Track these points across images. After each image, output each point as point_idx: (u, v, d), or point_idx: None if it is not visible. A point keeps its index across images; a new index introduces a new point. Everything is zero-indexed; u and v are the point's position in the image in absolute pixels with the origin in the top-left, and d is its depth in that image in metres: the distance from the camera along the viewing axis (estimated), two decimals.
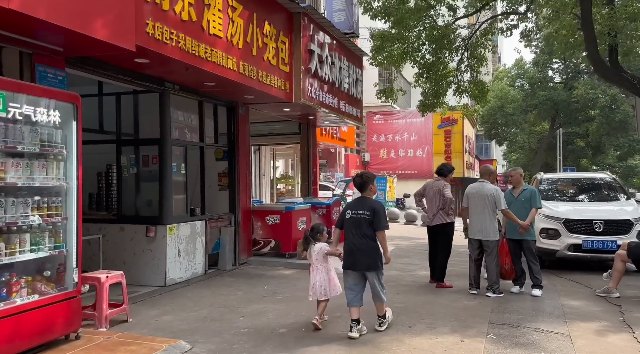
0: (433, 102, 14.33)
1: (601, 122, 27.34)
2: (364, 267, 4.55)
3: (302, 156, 11.09)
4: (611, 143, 27.70)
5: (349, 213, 4.67)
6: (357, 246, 4.53)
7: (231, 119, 8.13)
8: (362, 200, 4.74)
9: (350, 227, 4.61)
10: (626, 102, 26.39)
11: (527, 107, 29.98)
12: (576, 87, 27.62)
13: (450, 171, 7.08)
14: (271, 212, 8.37)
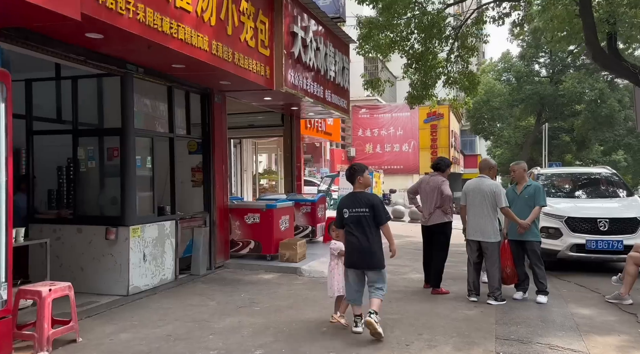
0: (422, 94, 13.73)
1: (587, 117, 27.17)
2: (367, 266, 4.42)
3: (286, 149, 10.37)
4: (597, 138, 27.57)
5: (346, 212, 4.48)
6: (360, 244, 4.38)
7: (206, 108, 7.37)
8: (357, 195, 4.54)
9: (351, 226, 4.45)
10: (612, 97, 26.27)
11: (514, 102, 29.69)
12: (563, 81, 27.39)
13: (448, 166, 6.46)
14: (251, 210, 7.65)
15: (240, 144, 14.33)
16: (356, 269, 4.43)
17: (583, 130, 28.63)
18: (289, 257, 7.43)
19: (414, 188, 6.60)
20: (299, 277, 6.96)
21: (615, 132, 26.79)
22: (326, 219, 9.83)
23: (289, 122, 10.32)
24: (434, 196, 6.19)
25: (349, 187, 17.80)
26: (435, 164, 6.48)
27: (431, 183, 6.28)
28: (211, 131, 7.37)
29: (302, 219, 9.39)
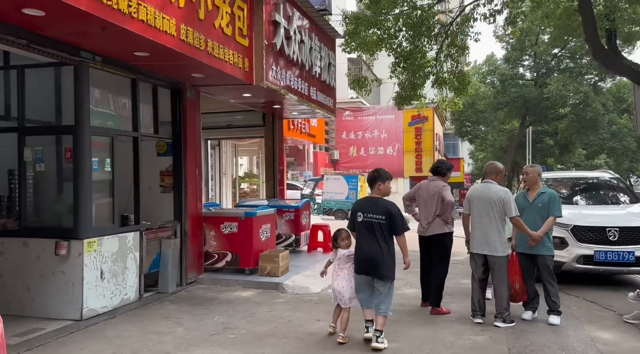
0: (410, 94, 13.15)
1: (572, 120, 27.07)
2: (377, 275, 4.27)
3: (267, 151, 9.62)
4: (581, 141, 27.49)
5: (360, 216, 4.34)
6: (373, 253, 4.25)
7: (176, 105, 6.58)
8: (374, 201, 4.40)
9: (363, 231, 4.31)
10: (597, 101, 26.21)
11: (498, 105, 29.49)
12: (548, 84, 27.26)
13: (449, 169, 5.79)
14: (227, 219, 6.87)
15: (219, 145, 13.50)
16: (366, 276, 4.31)
17: (567, 133, 28.55)
18: (270, 271, 6.67)
19: (410, 194, 5.93)
20: (281, 294, 6.21)
21: (599, 135, 26.72)
22: (311, 227, 9.10)
23: (270, 122, 9.57)
24: (434, 202, 5.53)
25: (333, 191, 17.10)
26: (435, 167, 5.82)
27: (430, 189, 5.62)
28: (183, 131, 6.58)
29: (284, 226, 8.64)
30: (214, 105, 9.31)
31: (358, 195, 20.01)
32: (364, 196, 20.14)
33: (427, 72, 13.13)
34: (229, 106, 9.17)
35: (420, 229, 5.73)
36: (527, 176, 5.34)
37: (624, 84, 29.75)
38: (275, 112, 9.36)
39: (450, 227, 5.61)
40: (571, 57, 28.98)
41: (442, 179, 5.73)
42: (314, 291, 6.29)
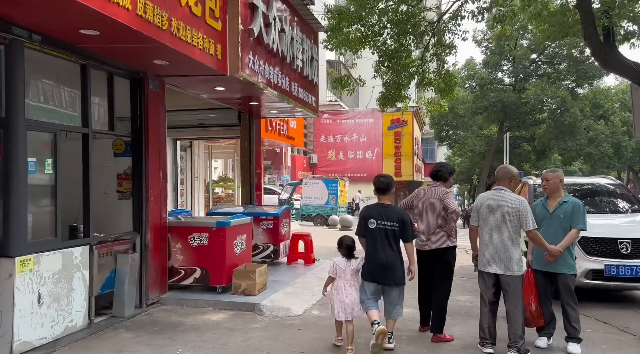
0: (395, 95, 12.51)
1: (550, 125, 27.08)
2: (391, 282, 4.31)
3: (243, 153, 8.77)
4: (559, 147, 27.52)
5: (373, 222, 4.34)
6: (386, 260, 4.28)
7: (137, 98, 5.69)
8: (387, 208, 4.42)
9: (376, 238, 4.32)
10: (575, 106, 26.28)
11: (477, 109, 29.33)
12: (527, 89, 27.22)
13: (451, 173, 5.08)
14: (196, 229, 6.00)
15: (191, 147, 12.55)
16: (378, 284, 4.30)
17: (545, 139, 28.57)
18: (246, 289, 5.83)
19: (407, 202, 5.19)
20: (258, 317, 5.37)
21: (577, 141, 26.78)
22: (291, 236, 8.29)
23: (247, 121, 8.73)
24: (435, 212, 4.82)
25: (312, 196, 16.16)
26: (435, 171, 5.09)
27: (431, 196, 4.90)
28: (144, 127, 5.69)
29: (262, 236, 7.81)
30: (184, 101, 8.43)
31: (338, 200, 19.30)
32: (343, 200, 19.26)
33: (412, 72, 12.53)
34: (201, 103, 8.30)
35: (418, 242, 5.00)
36: (548, 182, 4.67)
37: (600, 91, 30.07)
38: (252, 110, 8.53)
39: (454, 241, 4.91)
40: (549, 63, 29.10)
41: (444, 184, 5.02)
42: (295, 312, 5.48)
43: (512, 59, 28.62)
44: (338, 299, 4.25)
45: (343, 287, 4.26)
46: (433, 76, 12.54)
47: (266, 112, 8.77)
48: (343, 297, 4.23)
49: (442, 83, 12.34)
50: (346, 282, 4.28)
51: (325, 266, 8.05)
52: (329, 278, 4.45)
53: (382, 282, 4.27)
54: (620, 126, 28.21)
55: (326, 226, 18.47)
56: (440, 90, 12.46)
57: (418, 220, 5.03)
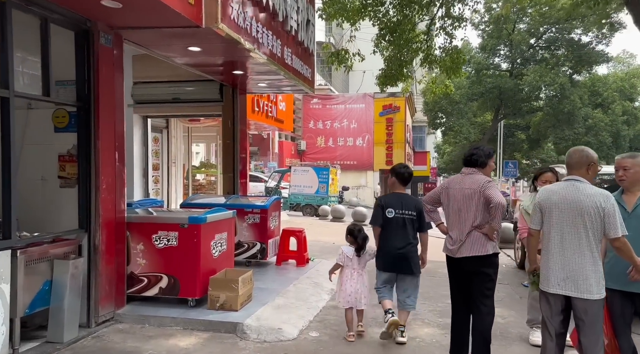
0: (397, 73, 11.27)
1: (548, 113, 26.18)
2: (408, 271, 4.23)
3: (225, 134, 7.46)
4: (556, 135, 26.67)
5: (391, 212, 4.25)
6: (404, 249, 4.20)
7: (84, 56, 4.35)
8: (404, 197, 4.35)
9: (393, 227, 4.23)
10: (574, 93, 25.38)
11: (473, 96, 28.28)
12: (524, 75, 26.23)
13: (489, 156, 3.88)
14: (163, 226, 4.72)
15: (168, 128, 11.18)
16: (392, 273, 4.27)
17: (542, 127, 27.72)
18: (225, 302, 4.60)
19: (434, 195, 4.01)
20: (240, 341, 4.15)
21: (574, 130, 25.93)
22: (281, 232, 7.07)
23: (230, 96, 7.41)
24: (472, 207, 3.65)
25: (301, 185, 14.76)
26: (469, 156, 3.89)
27: (466, 186, 3.72)
28: (94, 95, 4.37)
29: (247, 232, 6.57)
30: (156, 71, 7.11)
31: (329, 189, 18.09)
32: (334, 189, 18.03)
33: (415, 48, 11.29)
34: (176, 73, 6.99)
35: (448, 247, 3.83)
36: (626, 171, 3.47)
37: (598, 78, 29.23)
38: (236, 83, 7.21)
39: (496, 246, 3.75)
40: (547, 48, 28.12)
41: (482, 171, 3.84)
42: (289, 335, 4.27)
43: (510, 43, 27.55)
44: (344, 287, 4.25)
45: (350, 275, 4.26)
46: (439, 53, 11.32)
47: (253, 86, 7.45)
48: (348, 286, 4.23)
49: (449, 61, 11.13)
50: (354, 270, 4.28)
51: (321, 267, 6.86)
52: (336, 265, 4.41)
53: (397, 270, 4.24)
54: (620, 115, 27.44)
55: (316, 216, 17.29)
56: (446, 68, 11.25)
57: (448, 218, 3.86)
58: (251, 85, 7.40)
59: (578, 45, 25.97)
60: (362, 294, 4.24)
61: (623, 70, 34.53)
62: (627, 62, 42.66)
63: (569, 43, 26.20)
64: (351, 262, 4.27)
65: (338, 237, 11.32)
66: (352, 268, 4.27)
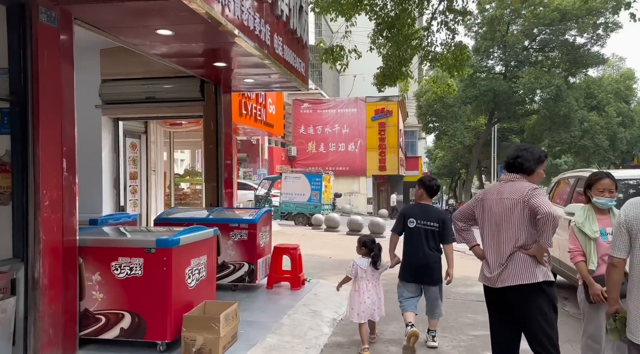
0: (395, 72, 10.46)
1: (544, 116, 25.61)
2: (431, 281, 4.25)
3: (207, 138, 6.52)
4: (553, 139, 26.10)
5: (413, 222, 4.26)
6: (427, 260, 4.19)
7: (19, 37, 3.41)
8: (428, 208, 4.36)
9: (415, 238, 4.24)
10: (570, 95, 24.86)
11: (467, 99, 27.67)
12: (519, 77, 25.68)
13: (539, 161, 3.05)
14: (125, 251, 3.78)
15: (147, 133, 10.21)
16: (416, 283, 4.26)
17: (537, 131, 27.16)
18: (204, 346, 3.65)
19: (466, 210, 3.16)
20: None
21: (570, 133, 25.39)
22: (272, 249, 6.14)
23: (212, 95, 6.49)
24: (514, 222, 2.84)
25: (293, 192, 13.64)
26: (513, 158, 3.05)
27: (506, 195, 2.90)
28: (33, 87, 3.42)
29: (233, 251, 5.63)
30: (126, 66, 6.22)
31: (322, 196, 17.18)
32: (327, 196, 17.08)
33: (414, 45, 10.50)
34: (150, 69, 6.13)
35: (485, 274, 2.97)
36: None
37: (593, 80, 28.82)
38: (219, 79, 6.30)
39: (547, 272, 2.89)
40: (541, 50, 27.65)
41: (528, 178, 2.99)
42: None
43: (504, 45, 27.02)
44: (359, 300, 4.11)
45: (365, 287, 4.14)
46: (440, 50, 10.54)
47: (239, 83, 6.55)
48: (365, 298, 4.11)
49: (451, 58, 10.34)
50: (368, 282, 4.16)
51: (320, 290, 5.96)
52: (345, 277, 4.31)
53: (422, 282, 4.24)
54: (616, 117, 26.99)
55: (309, 226, 16.37)
56: (448, 67, 10.46)
57: (485, 237, 3.00)
58: (236, 81, 6.50)
59: (573, 47, 25.49)
60: (375, 307, 4.16)
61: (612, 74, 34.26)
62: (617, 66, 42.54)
63: (564, 44, 25.72)
64: (365, 274, 4.15)
65: (334, 250, 10.39)
66: (367, 279, 4.15)
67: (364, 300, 4.09)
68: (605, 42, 25.16)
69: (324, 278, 6.98)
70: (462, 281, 7.27)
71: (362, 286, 4.13)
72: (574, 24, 24.44)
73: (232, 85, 6.67)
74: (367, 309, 4.08)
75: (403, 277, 4.28)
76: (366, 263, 4.15)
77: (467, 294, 6.45)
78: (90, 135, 6.69)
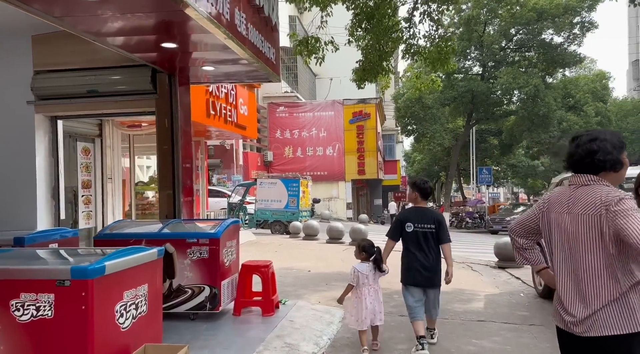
0: (376, 66, 9.66)
1: (522, 116, 25.32)
2: (431, 284, 4.28)
3: (162, 137, 5.52)
4: (532, 139, 25.82)
5: (410, 226, 4.27)
6: (427, 263, 4.22)
7: None
8: (424, 210, 4.37)
9: (415, 241, 4.25)
10: (548, 95, 24.64)
11: (445, 100, 27.23)
12: (498, 77, 25.37)
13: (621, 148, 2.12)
14: (28, 284, 2.77)
15: (102, 136, 9.12)
16: (421, 288, 4.26)
17: (516, 131, 26.88)
18: None
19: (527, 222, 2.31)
20: None
21: (549, 133, 25.16)
22: (240, 268, 5.18)
23: (166, 87, 5.51)
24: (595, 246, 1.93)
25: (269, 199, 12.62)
26: (587, 154, 2.12)
27: (580, 210, 2.03)
28: None
29: (191, 272, 4.65)
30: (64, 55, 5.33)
31: (300, 202, 16.25)
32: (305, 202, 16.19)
33: (396, 37, 9.73)
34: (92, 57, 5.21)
35: (561, 315, 2.10)
36: None
37: (569, 80, 28.79)
38: (174, 66, 5.33)
39: None
40: (518, 50, 27.47)
41: (608, 177, 2.10)
42: None
43: (481, 45, 26.71)
44: (361, 306, 4.05)
45: (367, 293, 4.07)
46: (423, 42, 9.80)
47: (198, 72, 5.59)
48: (367, 303, 4.05)
49: (435, 52, 9.60)
50: (370, 287, 4.11)
51: (297, 314, 5.05)
52: (348, 286, 4.18)
53: (423, 285, 4.25)
54: (594, 116, 26.94)
55: (287, 234, 15.41)
56: (432, 61, 9.71)
57: (555, 262, 2.15)
58: (195, 70, 5.54)
59: (550, 46, 25.33)
60: (380, 309, 4.16)
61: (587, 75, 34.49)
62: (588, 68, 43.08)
63: (541, 44, 25.55)
64: (367, 280, 4.11)
65: (314, 261, 9.47)
66: (369, 285, 4.12)
67: (366, 306, 4.04)
68: (582, 41, 25.05)
69: (302, 297, 6.05)
70: (456, 296, 6.47)
71: (363, 292, 4.06)
72: (550, 23, 24.27)
73: (190, 75, 5.71)
74: (369, 315, 4.04)
75: (407, 282, 4.28)
76: (367, 268, 4.11)
77: (465, 313, 5.63)
78: (21, 136, 5.65)
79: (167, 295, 4.69)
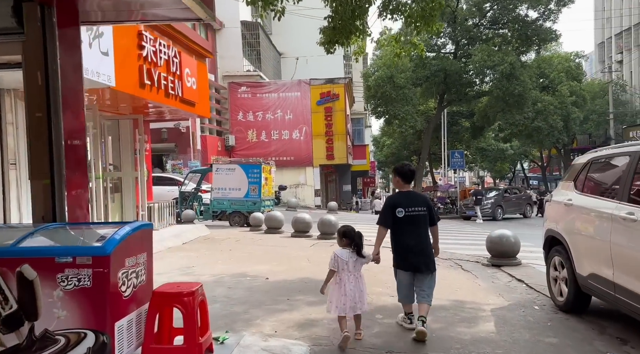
0: (348, 25, 7.96)
1: (497, 96, 24.20)
2: (427, 269, 4.28)
3: (32, 100, 3.67)
4: (507, 120, 24.80)
5: (401, 211, 4.27)
6: (421, 247, 4.28)
7: None
8: (412, 194, 4.42)
9: (406, 226, 4.27)
10: (524, 73, 23.57)
11: (418, 80, 25.82)
12: (472, 55, 24.12)
13: None
14: None
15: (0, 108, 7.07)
16: (414, 272, 4.28)
17: (490, 113, 25.79)
18: None
19: None
20: None
21: (524, 114, 24.19)
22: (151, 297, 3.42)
23: (38, 24, 3.62)
24: None
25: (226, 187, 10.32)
26: None
27: None
28: None
29: (64, 308, 2.88)
30: None
31: (262, 190, 14.48)
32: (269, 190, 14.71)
33: None
34: None
35: None
36: None
37: (544, 59, 27.90)
38: None
39: None
40: (492, 27, 26.29)
41: None
42: None
43: (454, 21, 25.34)
44: (341, 292, 3.98)
45: (347, 279, 4.00)
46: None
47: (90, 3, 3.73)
48: (347, 290, 3.98)
49: (418, 8, 7.97)
50: (350, 274, 4.02)
51: None
52: (330, 272, 4.06)
53: (416, 269, 4.25)
54: (569, 96, 26.15)
55: (247, 226, 13.67)
56: (414, 20, 8.08)
57: None
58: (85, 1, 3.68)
59: (525, 22, 24.22)
60: (362, 298, 4.03)
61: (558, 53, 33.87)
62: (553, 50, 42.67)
63: (515, 20, 24.40)
64: (347, 266, 3.99)
65: (276, 263, 7.73)
66: (348, 271, 4.00)
67: (344, 292, 3.97)
68: (557, 17, 24.02)
69: (252, 323, 4.38)
70: (457, 312, 4.96)
71: (343, 278, 4.00)
72: None
73: (78, 8, 3.83)
74: (348, 302, 3.95)
75: (399, 265, 4.33)
76: (347, 254, 4.03)
77: (475, 343, 4.09)
78: None
79: (26, 347, 2.93)
